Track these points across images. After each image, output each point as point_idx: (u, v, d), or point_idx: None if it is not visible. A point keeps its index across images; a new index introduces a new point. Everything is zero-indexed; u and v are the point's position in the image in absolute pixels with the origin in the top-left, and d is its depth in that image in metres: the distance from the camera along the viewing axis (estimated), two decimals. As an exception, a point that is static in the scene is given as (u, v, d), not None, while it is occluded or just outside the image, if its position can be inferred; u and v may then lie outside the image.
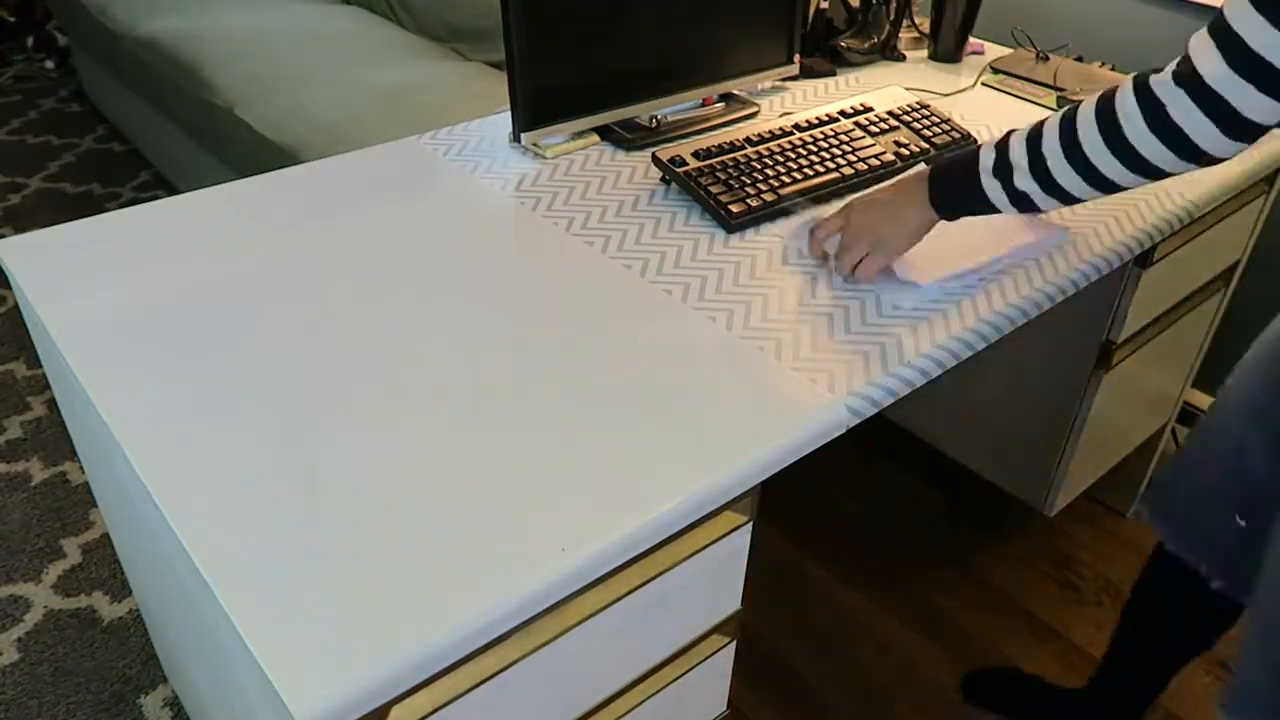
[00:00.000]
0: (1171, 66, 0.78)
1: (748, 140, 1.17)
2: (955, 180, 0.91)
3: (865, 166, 1.16)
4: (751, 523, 0.84)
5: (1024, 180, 0.87)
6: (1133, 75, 0.81)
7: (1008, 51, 1.57)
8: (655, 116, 1.27)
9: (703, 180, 1.09)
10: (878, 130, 1.23)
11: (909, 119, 1.25)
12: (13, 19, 3.55)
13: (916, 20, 1.61)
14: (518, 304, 0.93)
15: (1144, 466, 1.65)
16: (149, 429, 0.77)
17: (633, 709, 0.86)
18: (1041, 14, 1.70)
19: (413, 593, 0.64)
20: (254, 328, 0.89)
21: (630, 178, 1.17)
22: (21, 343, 2.12)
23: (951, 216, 0.93)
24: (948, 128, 1.25)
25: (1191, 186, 1.18)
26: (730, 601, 0.89)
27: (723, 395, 0.82)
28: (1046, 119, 0.86)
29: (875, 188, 1.00)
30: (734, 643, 0.94)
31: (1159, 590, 1.20)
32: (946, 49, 1.53)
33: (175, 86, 2.26)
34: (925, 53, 1.57)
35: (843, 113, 1.24)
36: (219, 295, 0.94)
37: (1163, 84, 0.77)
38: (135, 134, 2.83)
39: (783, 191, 1.09)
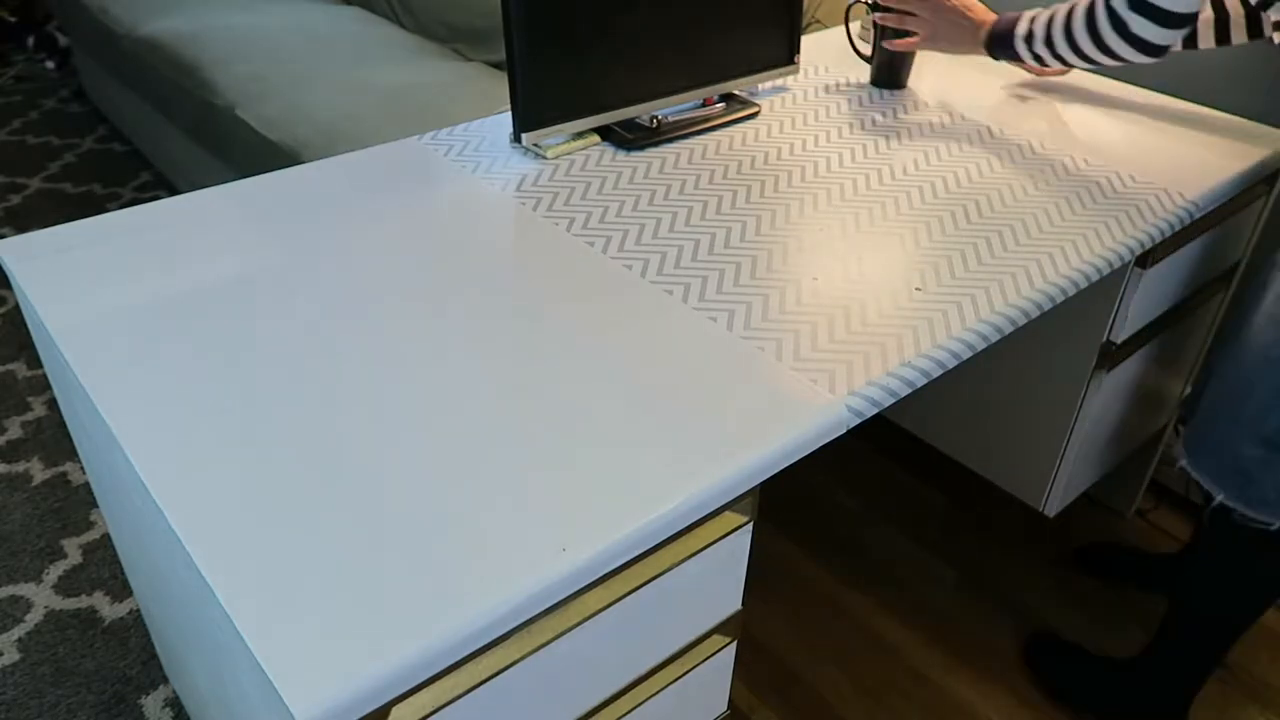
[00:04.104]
0: None
1: None
2: (1002, 36, 1.30)
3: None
4: (751, 523, 0.84)
5: (1041, 49, 1.26)
6: None
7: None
8: (655, 116, 1.27)
9: None
10: None
11: None
12: (13, 19, 3.56)
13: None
14: (518, 304, 0.93)
15: (1144, 466, 1.65)
16: (149, 429, 0.78)
17: (633, 709, 0.86)
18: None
19: (414, 592, 0.64)
20: (254, 328, 0.89)
21: (631, 178, 1.17)
22: (22, 343, 2.12)
23: (994, 56, 1.32)
24: None
25: (1191, 186, 1.18)
26: (730, 601, 0.89)
27: (723, 395, 0.82)
28: (1055, 13, 1.23)
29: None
30: (734, 643, 0.94)
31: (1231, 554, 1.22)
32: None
33: (175, 86, 2.26)
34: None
35: None
36: (219, 295, 0.94)
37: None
38: (135, 134, 2.83)
39: None
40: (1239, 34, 1.24)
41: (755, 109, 1.34)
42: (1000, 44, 1.30)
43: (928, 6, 1.35)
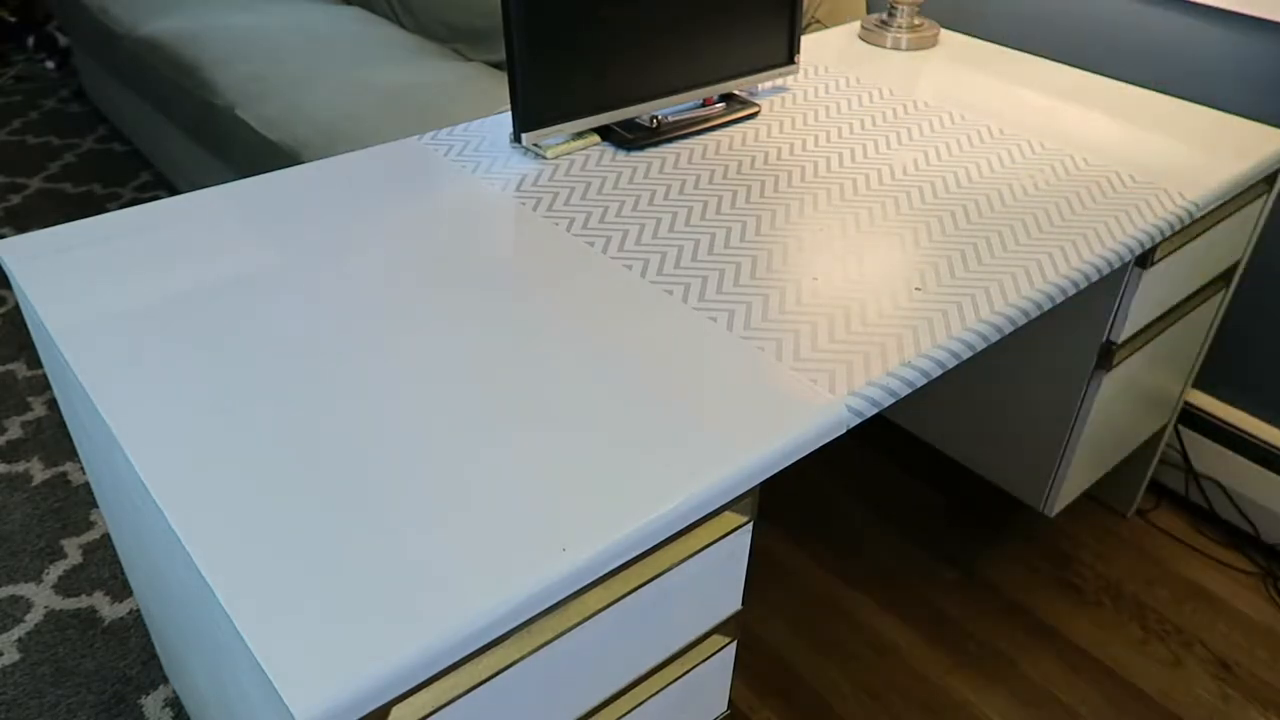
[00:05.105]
0: None
1: None
2: None
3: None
4: (751, 523, 0.84)
5: None
6: None
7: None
8: (655, 116, 1.27)
9: None
10: None
11: None
12: (13, 19, 3.56)
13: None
14: (517, 304, 0.93)
15: (1144, 466, 1.65)
16: (149, 429, 0.78)
17: (633, 709, 0.86)
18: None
19: (414, 592, 0.64)
20: (253, 328, 0.89)
21: (631, 178, 1.17)
22: (22, 343, 2.12)
23: None
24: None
25: (1191, 186, 1.18)
26: (730, 601, 0.89)
27: (723, 395, 0.82)
28: None
29: None
30: (734, 643, 0.94)
31: None
32: None
33: (175, 86, 2.26)
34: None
35: None
36: (219, 295, 0.94)
37: None
38: (135, 134, 2.83)
39: None
40: None
41: (755, 109, 1.34)
42: None
43: None
